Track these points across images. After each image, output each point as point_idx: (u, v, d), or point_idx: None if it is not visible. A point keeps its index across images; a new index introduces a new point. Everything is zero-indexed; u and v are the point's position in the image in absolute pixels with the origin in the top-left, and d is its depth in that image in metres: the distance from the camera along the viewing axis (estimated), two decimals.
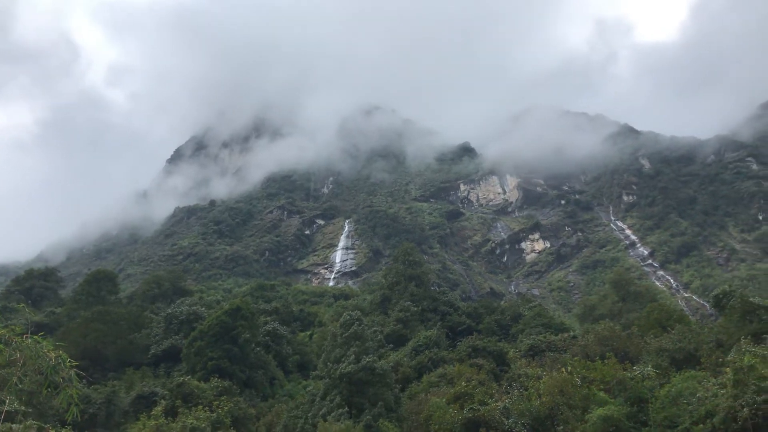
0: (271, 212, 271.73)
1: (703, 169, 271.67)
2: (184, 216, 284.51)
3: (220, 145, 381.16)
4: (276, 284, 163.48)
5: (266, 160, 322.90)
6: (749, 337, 52.01)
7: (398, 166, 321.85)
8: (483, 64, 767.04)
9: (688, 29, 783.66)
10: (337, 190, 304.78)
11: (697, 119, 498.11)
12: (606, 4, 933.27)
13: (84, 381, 64.66)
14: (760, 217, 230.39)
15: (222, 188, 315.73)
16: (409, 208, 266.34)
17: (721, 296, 76.10)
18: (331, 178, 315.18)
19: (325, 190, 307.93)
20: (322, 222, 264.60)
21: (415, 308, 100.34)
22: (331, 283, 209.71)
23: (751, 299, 62.74)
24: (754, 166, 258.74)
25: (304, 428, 60.67)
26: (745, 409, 34.59)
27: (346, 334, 69.06)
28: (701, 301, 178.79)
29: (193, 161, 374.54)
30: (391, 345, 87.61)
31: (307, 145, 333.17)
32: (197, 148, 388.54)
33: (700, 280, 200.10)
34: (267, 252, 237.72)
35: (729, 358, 43.14)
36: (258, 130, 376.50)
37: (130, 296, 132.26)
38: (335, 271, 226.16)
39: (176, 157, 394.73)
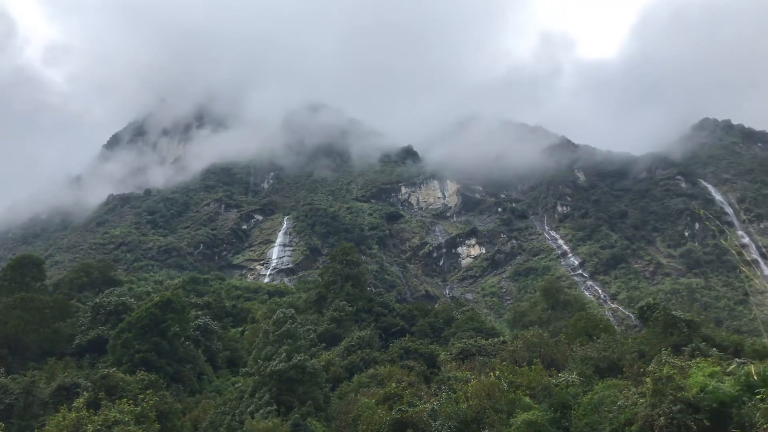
0: (208, 205, 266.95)
1: (635, 185, 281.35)
2: (117, 204, 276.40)
3: (159, 133, 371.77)
4: (209, 278, 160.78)
5: (207, 151, 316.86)
6: (670, 349, 54.19)
7: (342, 164, 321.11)
8: (430, 70, 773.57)
9: (628, 49, 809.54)
10: (278, 186, 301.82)
11: (632, 136, 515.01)
12: (552, 19, 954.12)
13: (1, 370, 62.10)
14: (686, 234, 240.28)
15: (159, 177, 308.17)
16: (350, 208, 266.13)
17: (645, 308, 79.05)
18: (272, 174, 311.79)
19: (265, 185, 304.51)
20: (260, 217, 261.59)
21: (350, 308, 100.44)
22: (266, 280, 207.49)
23: (673, 312, 65.45)
24: (683, 185, 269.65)
25: (231, 425, 59.91)
26: (661, 418, 35.97)
27: (279, 332, 68.60)
28: (627, 312, 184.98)
29: (130, 148, 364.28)
30: (324, 344, 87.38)
31: (251, 138, 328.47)
32: (136, 135, 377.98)
33: (626, 291, 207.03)
34: (202, 245, 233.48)
35: (650, 368, 44.75)
36: (200, 120, 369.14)
37: (57, 284, 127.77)
38: (271, 268, 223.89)
39: (113, 142, 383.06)
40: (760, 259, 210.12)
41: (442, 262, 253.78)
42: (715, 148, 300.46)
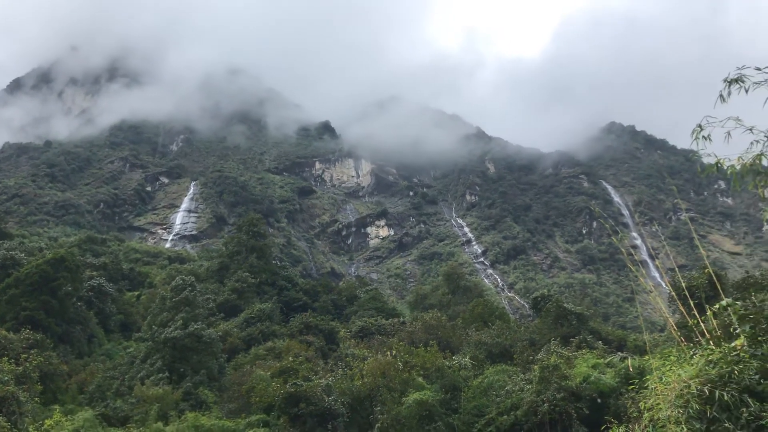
0: (112, 162, 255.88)
1: (541, 180, 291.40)
2: (14, 153, 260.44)
3: (67, 82, 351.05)
4: (108, 239, 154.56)
5: (117, 107, 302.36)
6: (559, 339, 56.70)
7: (257, 133, 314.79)
8: (355, 47, 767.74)
9: (548, 50, 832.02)
10: (188, 149, 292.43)
11: (543, 133, 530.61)
12: (479, 13, 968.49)
13: None
14: (584, 231, 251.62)
15: (63, 129, 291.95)
16: (261, 179, 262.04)
17: (539, 299, 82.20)
18: (182, 136, 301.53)
19: (174, 148, 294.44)
20: (166, 180, 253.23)
21: (253, 280, 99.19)
22: (167, 245, 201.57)
23: (565, 305, 68.43)
24: (586, 184, 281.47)
25: (120, 390, 58.32)
26: (545, 405, 37.65)
27: (177, 299, 67.14)
28: (522, 302, 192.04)
29: (33, 94, 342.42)
30: (223, 314, 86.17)
31: (164, 97, 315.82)
32: (40, 81, 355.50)
33: (524, 282, 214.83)
34: (102, 204, 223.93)
35: (539, 356, 46.74)
36: (112, 73, 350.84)
37: None
38: (174, 233, 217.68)
39: (15, 87, 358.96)
40: (649, 261, 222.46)
41: (350, 240, 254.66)
42: (619, 151, 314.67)
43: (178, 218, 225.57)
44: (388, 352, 46.05)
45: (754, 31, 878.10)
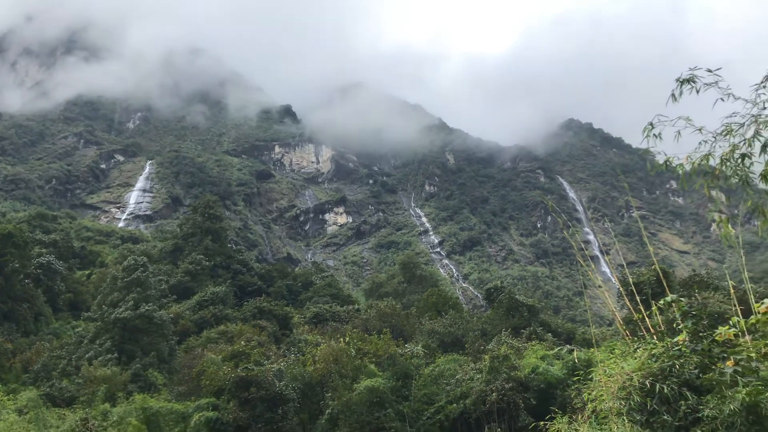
0: (66, 138, 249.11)
1: (499, 173, 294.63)
2: None
3: (20, 52, 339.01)
4: (59, 216, 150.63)
5: (73, 81, 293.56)
6: (510, 330, 57.57)
7: (217, 114, 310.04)
8: (320, 32, 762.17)
9: (512, 47, 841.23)
10: (145, 128, 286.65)
11: (503, 127, 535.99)
12: (447, 7, 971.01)
13: None
14: (539, 225, 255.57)
15: (15, 100, 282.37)
16: (219, 161, 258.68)
17: (492, 290, 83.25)
18: (140, 114, 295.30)
19: (131, 125, 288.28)
20: (121, 158, 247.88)
21: (207, 263, 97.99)
22: (121, 224, 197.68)
23: (517, 297, 69.45)
24: (542, 179, 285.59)
25: (66, 370, 57.15)
26: (494, 394, 38.26)
27: (128, 279, 65.98)
28: (476, 293, 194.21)
29: None
30: (176, 296, 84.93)
31: (123, 73, 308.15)
32: None
33: (478, 273, 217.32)
34: (54, 180, 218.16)
35: (489, 346, 47.38)
36: (69, 46, 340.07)
37: None
38: (128, 213, 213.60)
39: None
40: (600, 256, 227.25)
41: (308, 226, 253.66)
42: (576, 148, 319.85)
43: (133, 197, 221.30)
44: (342, 339, 46.14)
45: (712, 33, 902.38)
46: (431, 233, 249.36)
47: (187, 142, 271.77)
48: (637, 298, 12.78)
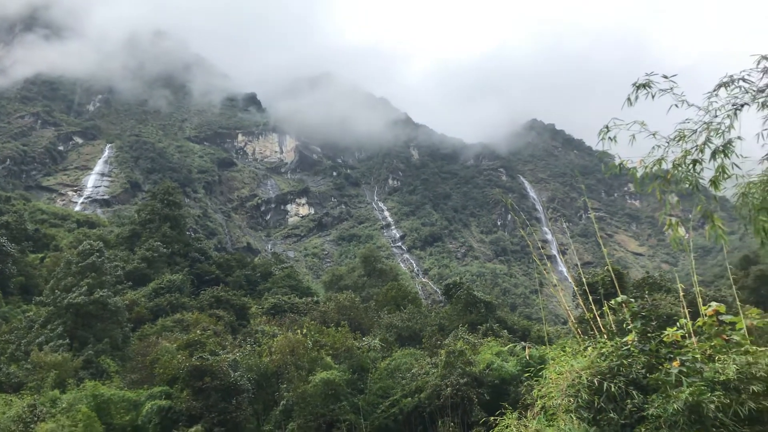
0: (22, 117, 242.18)
1: (462, 170, 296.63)
2: None
3: None
4: (13, 197, 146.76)
5: (32, 59, 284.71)
6: (467, 326, 58.09)
7: (180, 99, 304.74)
8: (289, 21, 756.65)
9: (481, 48, 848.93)
10: (105, 110, 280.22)
11: (468, 125, 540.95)
12: (419, 5, 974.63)
13: None
14: (499, 223, 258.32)
15: None
16: (181, 147, 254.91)
17: (451, 286, 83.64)
18: (100, 96, 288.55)
19: (91, 107, 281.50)
20: (80, 140, 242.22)
21: (165, 250, 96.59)
22: (77, 208, 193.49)
23: (475, 293, 70.05)
24: (504, 177, 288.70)
25: (15, 355, 55.86)
26: (448, 389, 38.57)
27: (83, 264, 64.69)
28: (435, 288, 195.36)
29: None
30: (131, 283, 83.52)
31: (85, 53, 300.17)
32: None
33: (438, 268, 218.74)
34: (9, 160, 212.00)
35: (446, 341, 47.76)
36: (29, 23, 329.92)
37: None
38: (85, 196, 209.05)
39: None
40: (557, 255, 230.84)
41: (269, 216, 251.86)
42: (538, 148, 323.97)
43: (91, 181, 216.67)
44: (299, 331, 45.97)
45: (675, 40, 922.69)
46: (393, 227, 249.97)
47: (148, 127, 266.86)
48: (590, 298, 13.02)
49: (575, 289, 14.60)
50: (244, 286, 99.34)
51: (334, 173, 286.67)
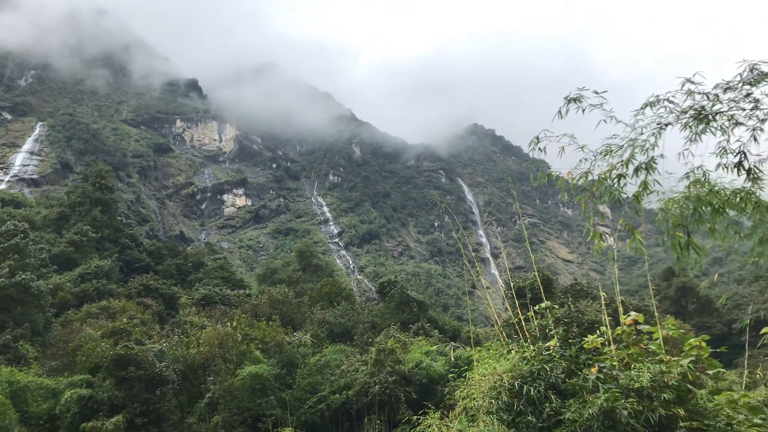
0: None
1: (403, 170, 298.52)
2: None
3: None
4: None
5: None
6: (399, 324, 58.58)
7: (119, 80, 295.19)
8: (238, 8, 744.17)
9: (428, 51, 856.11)
10: (38, 87, 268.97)
11: (411, 125, 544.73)
12: (370, 4, 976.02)
13: None
14: (436, 224, 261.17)
15: None
16: (116, 129, 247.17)
17: (386, 284, 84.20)
18: (34, 71, 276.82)
19: (23, 83, 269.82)
20: (9, 116, 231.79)
21: (94, 234, 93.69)
22: (2, 186, 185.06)
23: (408, 292, 70.65)
24: (443, 179, 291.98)
25: None
26: (377, 386, 38.85)
27: (5, 245, 62.32)
28: (370, 285, 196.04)
29: None
30: (56, 267, 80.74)
31: (21, 26, 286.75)
32: None
33: (374, 266, 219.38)
34: None
35: (377, 339, 48.03)
36: None
37: None
38: (11, 175, 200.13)
39: None
40: (490, 259, 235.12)
41: (204, 205, 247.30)
42: (478, 153, 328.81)
43: (18, 159, 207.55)
44: (229, 323, 45.42)
45: (614, 55, 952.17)
46: (331, 223, 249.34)
47: (83, 107, 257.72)
48: (517, 302, 13.32)
49: (503, 293, 14.90)
50: (175, 275, 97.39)
51: (274, 165, 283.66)
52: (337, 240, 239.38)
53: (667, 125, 7.59)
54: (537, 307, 10.72)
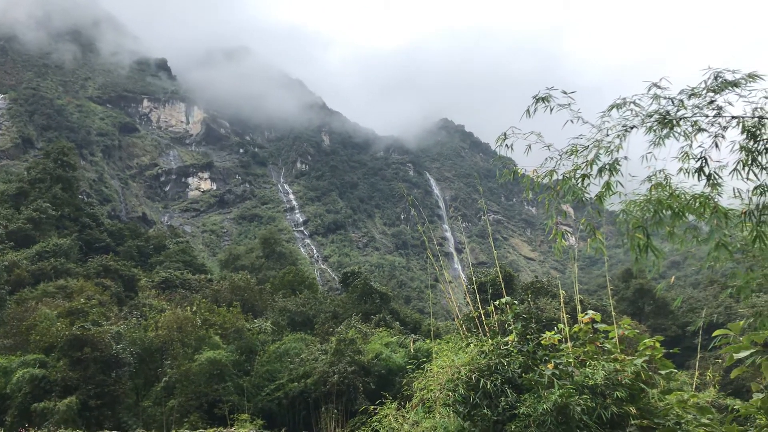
0: None
1: (372, 161, 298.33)
2: None
3: None
4: None
5: None
6: (360, 315, 58.68)
7: (86, 56, 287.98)
8: None
9: (402, 44, 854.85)
10: (1, 58, 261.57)
11: (381, 117, 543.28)
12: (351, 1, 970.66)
13: None
14: (402, 217, 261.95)
15: None
16: (81, 106, 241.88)
17: (349, 275, 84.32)
18: None
19: None
20: None
21: (54, 212, 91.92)
22: None
23: (371, 283, 70.89)
24: (411, 172, 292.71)
25: None
26: (335, 376, 38.91)
27: None
28: (333, 275, 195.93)
29: None
30: (14, 243, 79.02)
31: None
32: None
33: (338, 256, 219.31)
34: None
35: (338, 329, 48.04)
36: None
37: None
38: None
39: None
40: (454, 253, 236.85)
41: (168, 188, 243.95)
42: (447, 147, 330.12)
43: None
44: (189, 308, 45.00)
45: (586, 57, 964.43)
46: (297, 211, 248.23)
47: (47, 81, 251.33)
48: (478, 297, 13.45)
49: (465, 287, 15.02)
50: (136, 257, 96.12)
51: (241, 150, 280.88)
52: (302, 228, 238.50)
53: (632, 128, 7.71)
54: (497, 302, 10.85)
